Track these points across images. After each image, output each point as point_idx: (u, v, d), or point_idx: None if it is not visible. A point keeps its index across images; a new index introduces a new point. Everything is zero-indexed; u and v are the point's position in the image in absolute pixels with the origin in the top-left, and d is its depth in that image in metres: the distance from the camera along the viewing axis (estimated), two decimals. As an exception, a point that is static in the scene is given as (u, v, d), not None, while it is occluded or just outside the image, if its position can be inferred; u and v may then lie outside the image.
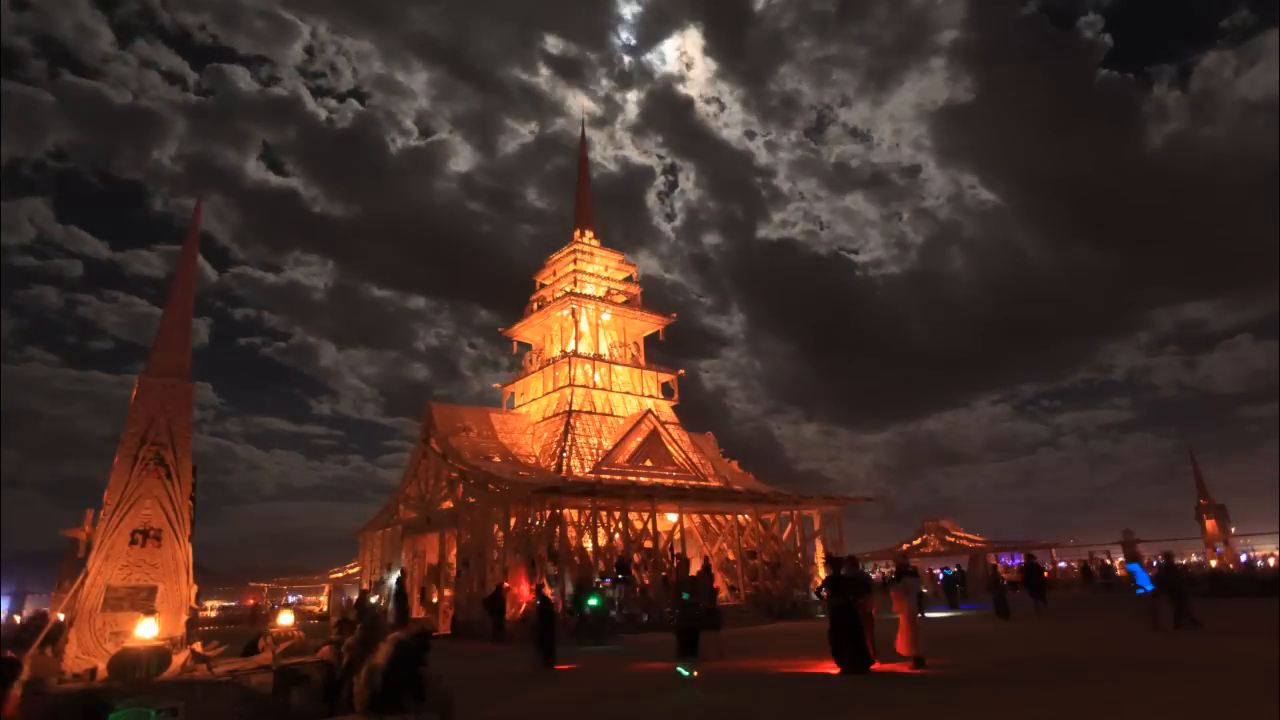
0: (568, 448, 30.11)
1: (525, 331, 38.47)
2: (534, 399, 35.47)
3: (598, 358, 35.01)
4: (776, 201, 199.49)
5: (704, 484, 30.76)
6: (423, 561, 30.45)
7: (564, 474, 28.10)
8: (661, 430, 31.60)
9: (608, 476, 27.81)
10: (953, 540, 53.83)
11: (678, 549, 27.46)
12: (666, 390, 36.85)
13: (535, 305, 38.27)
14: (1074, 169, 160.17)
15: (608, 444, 30.72)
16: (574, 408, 32.22)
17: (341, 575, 52.21)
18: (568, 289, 36.40)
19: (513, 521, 24.32)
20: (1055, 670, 10.45)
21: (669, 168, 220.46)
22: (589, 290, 36.79)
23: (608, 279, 38.39)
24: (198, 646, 9.25)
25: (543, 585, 16.03)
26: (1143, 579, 15.88)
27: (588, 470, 28.76)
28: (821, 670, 10.97)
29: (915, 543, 55.31)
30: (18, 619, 30.74)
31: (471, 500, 26.53)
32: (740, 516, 30.57)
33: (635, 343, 37.92)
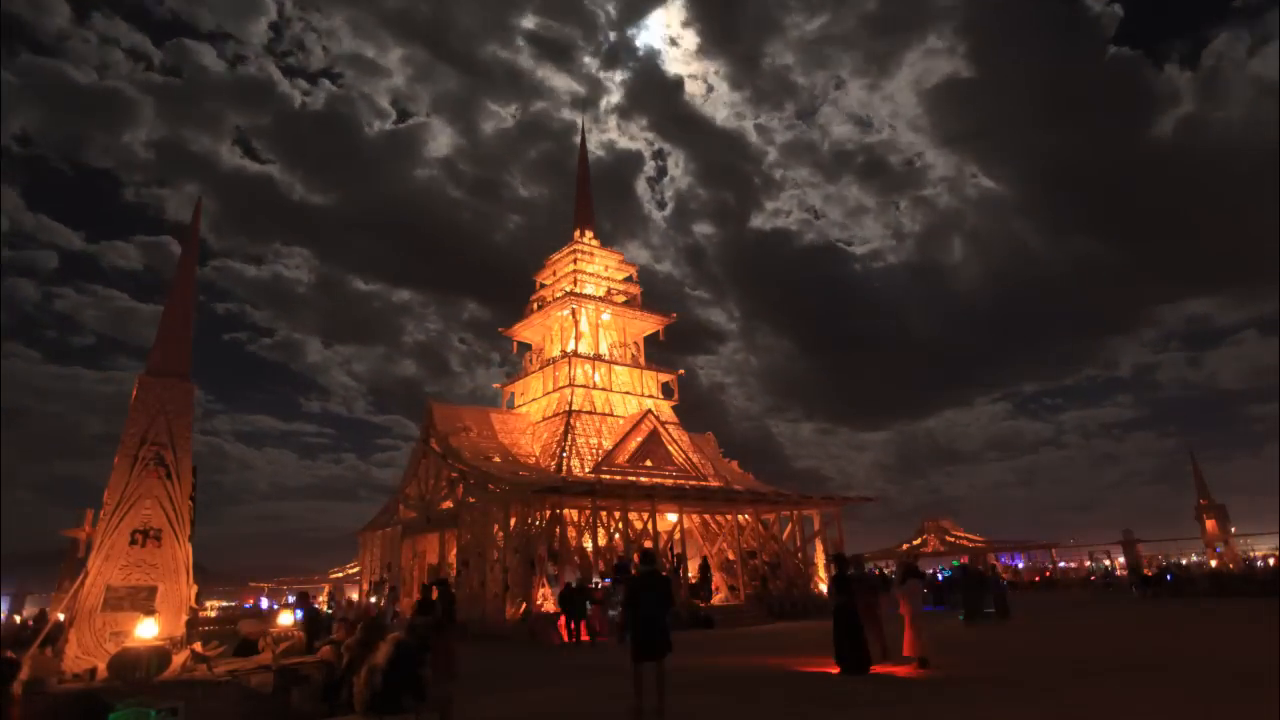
0: (568, 448, 30.11)
1: (525, 331, 38.48)
2: (534, 399, 35.48)
3: (598, 358, 35.01)
4: (769, 189, 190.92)
5: (704, 484, 30.77)
6: (423, 561, 30.47)
7: (564, 474, 28.10)
8: (661, 430, 31.60)
9: (608, 476, 27.81)
10: (953, 540, 53.85)
11: (678, 549, 27.50)
12: (666, 390, 36.86)
13: (535, 305, 38.28)
14: (1079, 156, 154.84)
15: (608, 444, 30.72)
16: (574, 408, 32.22)
17: (341, 575, 52.22)
18: (568, 289, 36.41)
19: (513, 521, 24.32)
20: (1054, 670, 10.45)
21: (658, 153, 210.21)
22: (589, 290, 36.80)
23: (607, 279, 38.40)
24: (198, 646, 9.25)
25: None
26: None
27: (588, 470, 28.76)
28: (821, 670, 10.97)
29: (915, 542, 55.34)
30: (18, 619, 30.73)
31: (471, 500, 26.53)
32: (740, 516, 30.56)
33: (635, 343, 37.92)
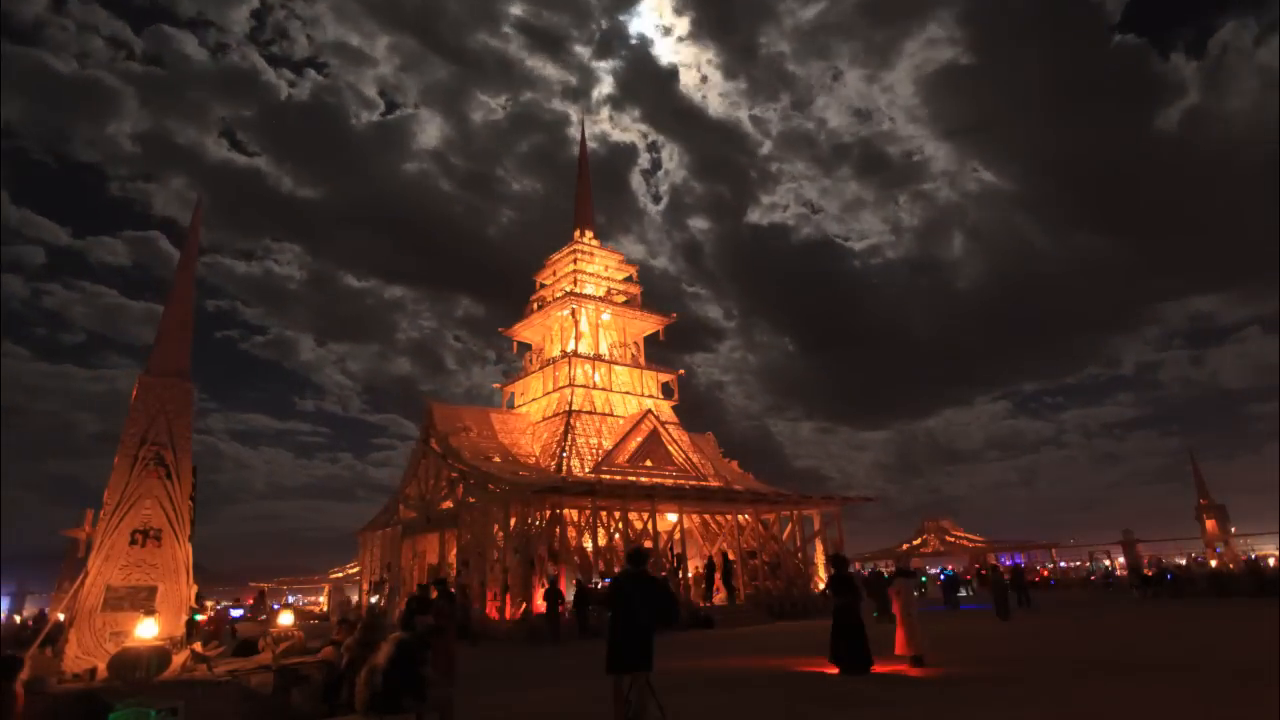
0: (568, 448, 30.11)
1: (525, 331, 38.49)
2: (534, 399, 35.48)
3: (598, 358, 35.02)
4: (766, 183, 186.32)
5: (704, 484, 30.77)
6: (423, 561, 30.48)
7: (564, 474, 28.10)
8: (661, 430, 31.60)
9: (608, 476, 27.81)
10: (952, 540, 53.87)
11: (677, 549, 27.50)
12: (666, 390, 36.86)
13: (535, 305, 38.29)
14: (1082, 149, 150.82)
15: (608, 444, 30.72)
16: (574, 408, 32.22)
17: (341, 575, 52.23)
18: (568, 289, 36.41)
19: (513, 521, 24.32)
20: (1052, 669, 10.45)
21: (652, 145, 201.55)
22: (589, 290, 36.80)
23: (607, 279, 38.41)
24: (198, 646, 9.25)
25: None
26: None
27: (588, 470, 28.76)
28: (821, 670, 10.97)
29: (915, 542, 55.37)
30: (17, 619, 30.73)
31: (471, 500, 26.53)
32: (740, 516, 30.57)
33: (635, 342, 37.93)
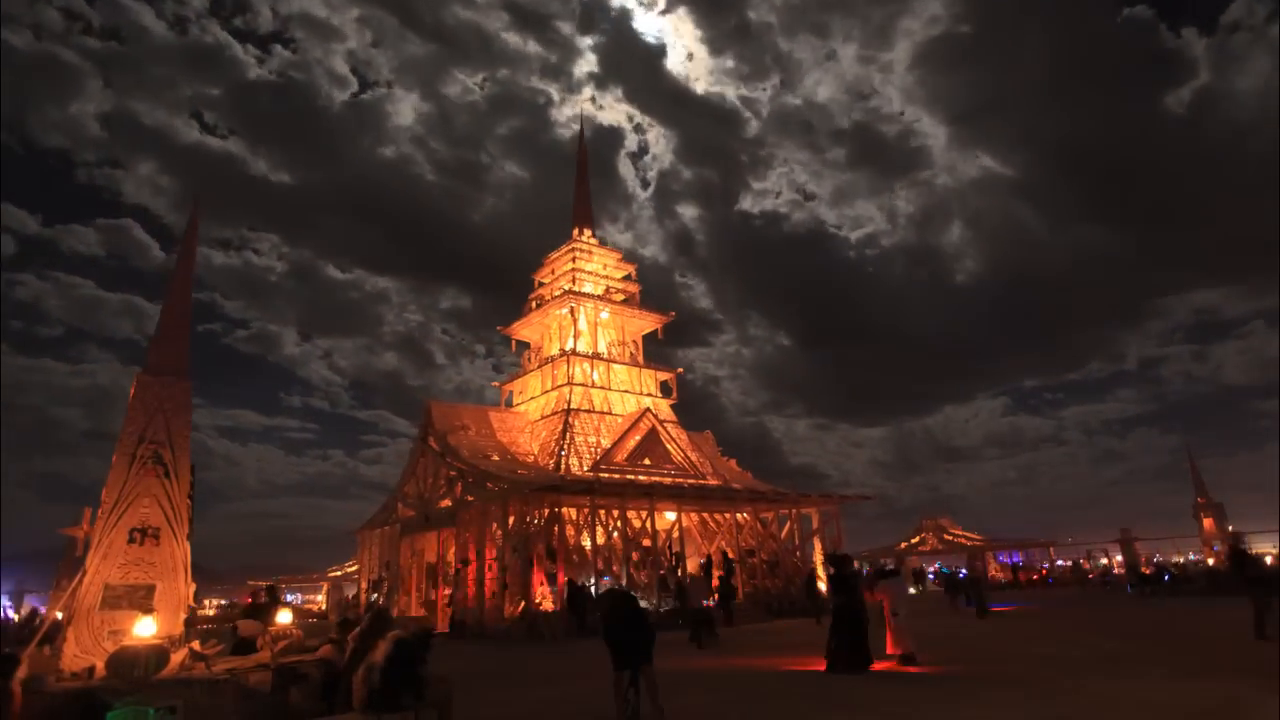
0: (566, 446, 30.11)
1: (524, 330, 38.47)
2: (532, 397, 35.47)
3: (596, 356, 35.01)
4: (757, 167, 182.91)
5: (702, 483, 30.78)
6: (421, 560, 30.48)
7: (562, 472, 28.10)
8: (660, 429, 31.60)
9: (606, 475, 27.81)
10: (951, 539, 53.88)
11: (676, 547, 27.52)
12: (665, 389, 36.87)
13: (534, 304, 38.27)
14: (1087, 133, 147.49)
15: (606, 442, 30.72)
16: (572, 406, 32.21)
17: (340, 574, 52.17)
18: (566, 287, 36.40)
19: (511, 520, 24.32)
20: (1046, 667, 10.46)
21: (638, 126, 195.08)
22: (588, 289, 36.80)
23: (606, 277, 38.40)
24: (196, 645, 9.24)
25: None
26: None
27: (586, 469, 28.76)
28: (819, 669, 10.98)
29: (913, 540, 55.37)
30: (16, 617, 30.70)
31: (470, 499, 26.52)
32: (739, 515, 30.59)
33: (634, 341, 37.94)
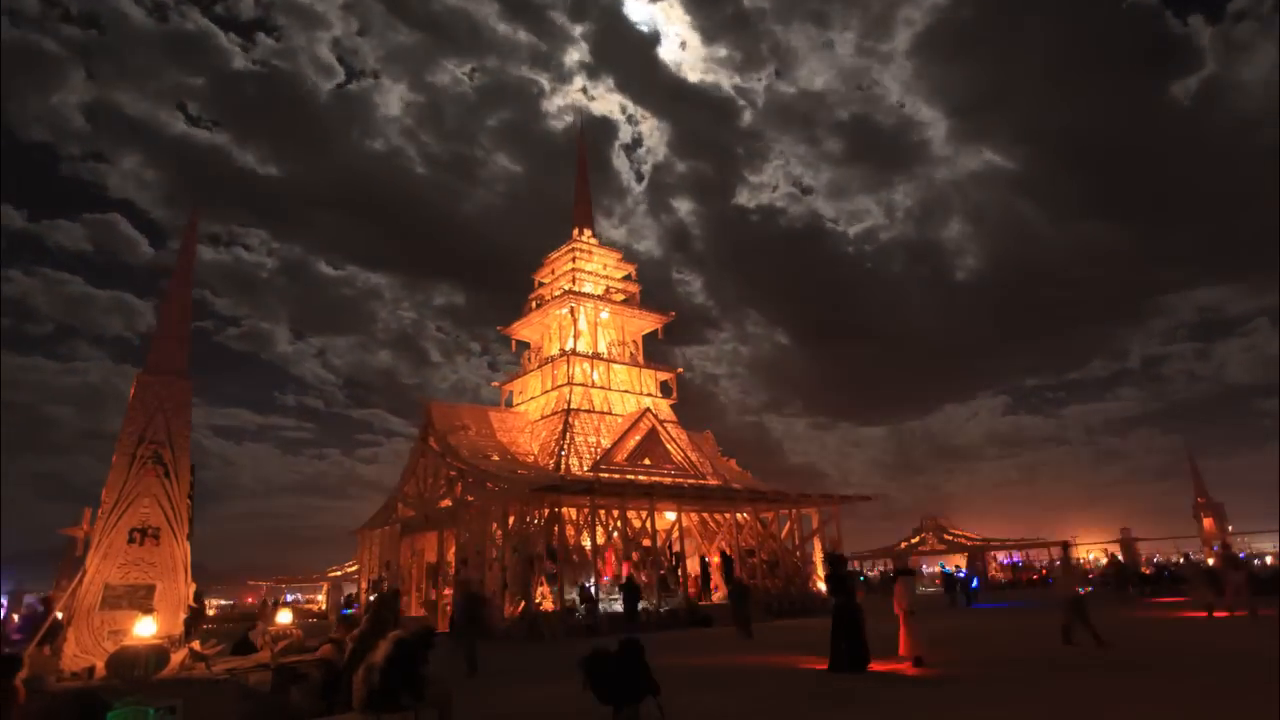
0: (566, 446, 30.10)
1: (524, 330, 38.47)
2: (532, 397, 35.47)
3: (596, 356, 35.01)
4: (753, 160, 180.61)
5: (702, 483, 30.77)
6: (421, 560, 30.48)
7: (562, 473, 28.10)
8: (660, 429, 31.60)
9: (606, 475, 27.80)
10: (951, 539, 53.86)
11: (676, 547, 27.53)
12: (665, 389, 36.86)
13: (534, 304, 38.27)
14: (1091, 126, 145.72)
15: (606, 442, 30.72)
16: (572, 406, 32.21)
17: (340, 573, 52.15)
18: (566, 287, 36.39)
19: (511, 520, 24.32)
20: (1047, 668, 10.46)
21: (631, 118, 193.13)
22: (588, 289, 36.79)
23: (606, 277, 38.39)
24: (196, 645, 9.25)
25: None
26: None
27: (586, 469, 28.76)
28: (818, 669, 10.98)
29: (914, 540, 55.35)
30: (15, 617, 30.65)
31: (470, 499, 26.52)
32: (739, 515, 30.59)
33: (634, 341, 37.94)
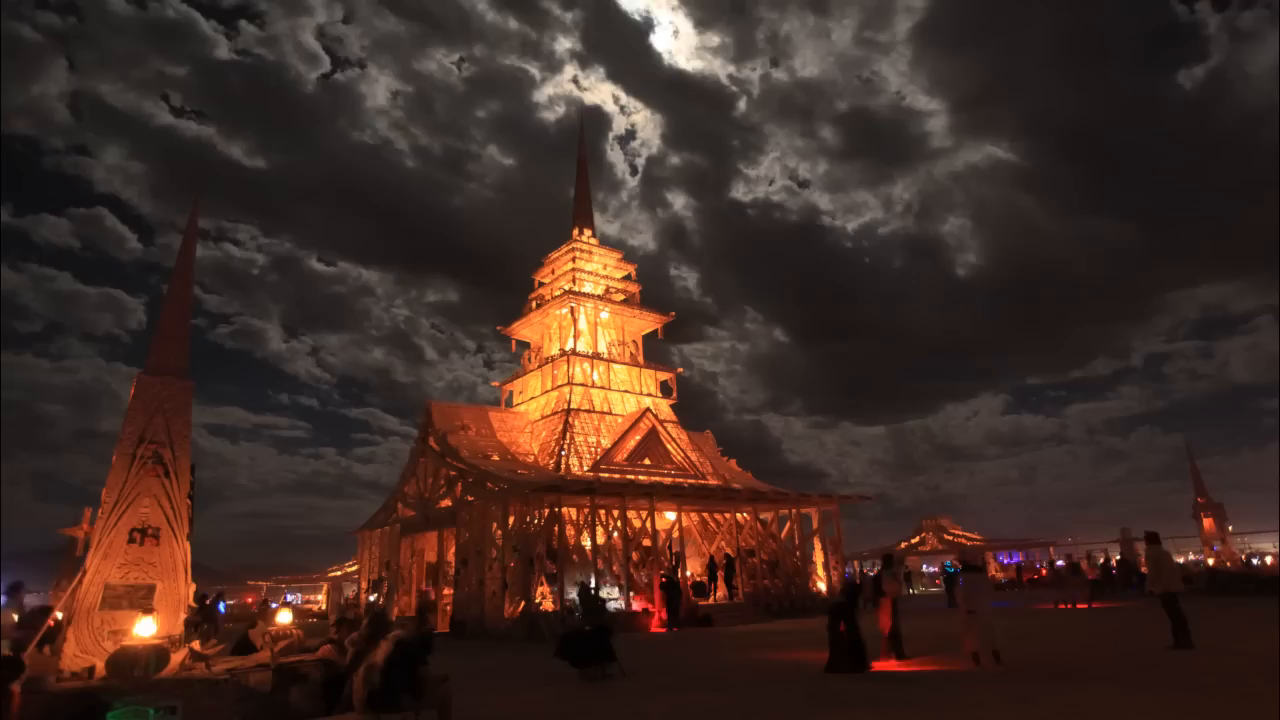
0: (566, 446, 30.11)
1: (524, 330, 38.48)
2: (532, 397, 35.48)
3: (596, 356, 35.02)
4: (748, 152, 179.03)
5: (703, 483, 30.79)
6: (421, 560, 30.49)
7: (562, 473, 28.10)
8: (660, 429, 31.61)
9: (606, 475, 27.82)
10: (951, 539, 53.88)
11: (676, 547, 27.54)
12: (665, 389, 36.87)
13: (534, 304, 38.27)
14: (1094, 117, 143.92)
15: (606, 442, 30.73)
16: (572, 406, 32.22)
17: (340, 573, 52.17)
18: (566, 287, 36.40)
19: (511, 520, 24.33)
20: (1047, 670, 10.47)
21: (624, 108, 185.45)
22: (588, 289, 36.80)
23: (606, 277, 38.40)
24: (196, 645, 9.24)
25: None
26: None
27: (586, 469, 28.77)
28: (818, 669, 10.98)
29: (913, 540, 55.37)
30: (15, 617, 30.68)
31: (470, 499, 26.53)
32: (739, 515, 30.60)
33: (634, 341, 37.94)
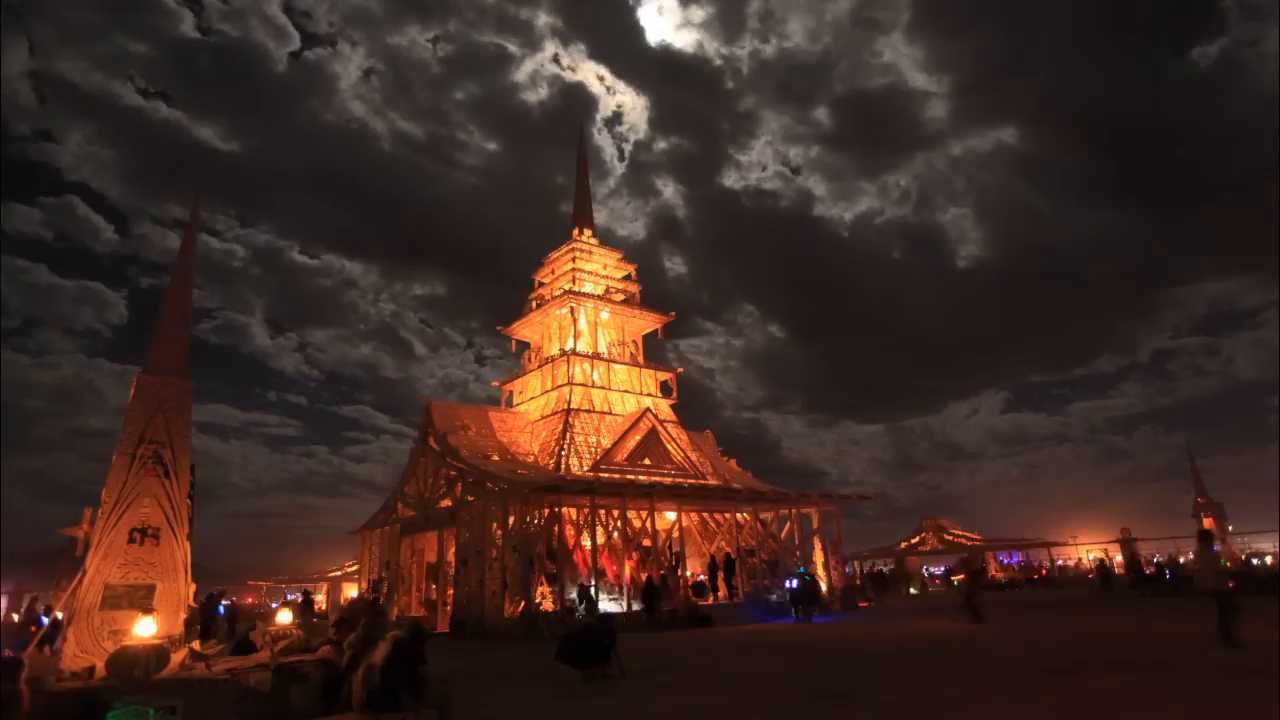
0: (566, 446, 30.12)
1: (524, 330, 38.49)
2: (532, 397, 35.49)
3: (596, 356, 35.02)
4: (739, 137, 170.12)
5: (703, 483, 30.79)
6: (421, 560, 30.50)
7: (562, 473, 28.11)
8: (660, 429, 31.62)
9: (606, 475, 27.82)
10: (950, 539, 53.87)
11: (676, 547, 27.56)
12: (665, 389, 36.88)
13: (534, 304, 38.28)
14: (1103, 100, 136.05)
15: (606, 442, 30.74)
16: (572, 406, 32.22)
17: (339, 574, 52.15)
18: (566, 287, 36.41)
19: (511, 520, 24.33)
20: (1046, 669, 10.47)
21: (610, 89, 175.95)
22: (588, 289, 36.81)
23: (606, 277, 38.41)
24: (196, 645, 9.25)
25: None
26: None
27: (586, 469, 28.78)
28: (818, 668, 10.99)
29: (913, 540, 55.34)
30: (15, 617, 30.67)
31: (470, 499, 26.53)
32: (739, 515, 30.60)
33: (634, 341, 37.95)
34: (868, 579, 41.23)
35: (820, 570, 30.35)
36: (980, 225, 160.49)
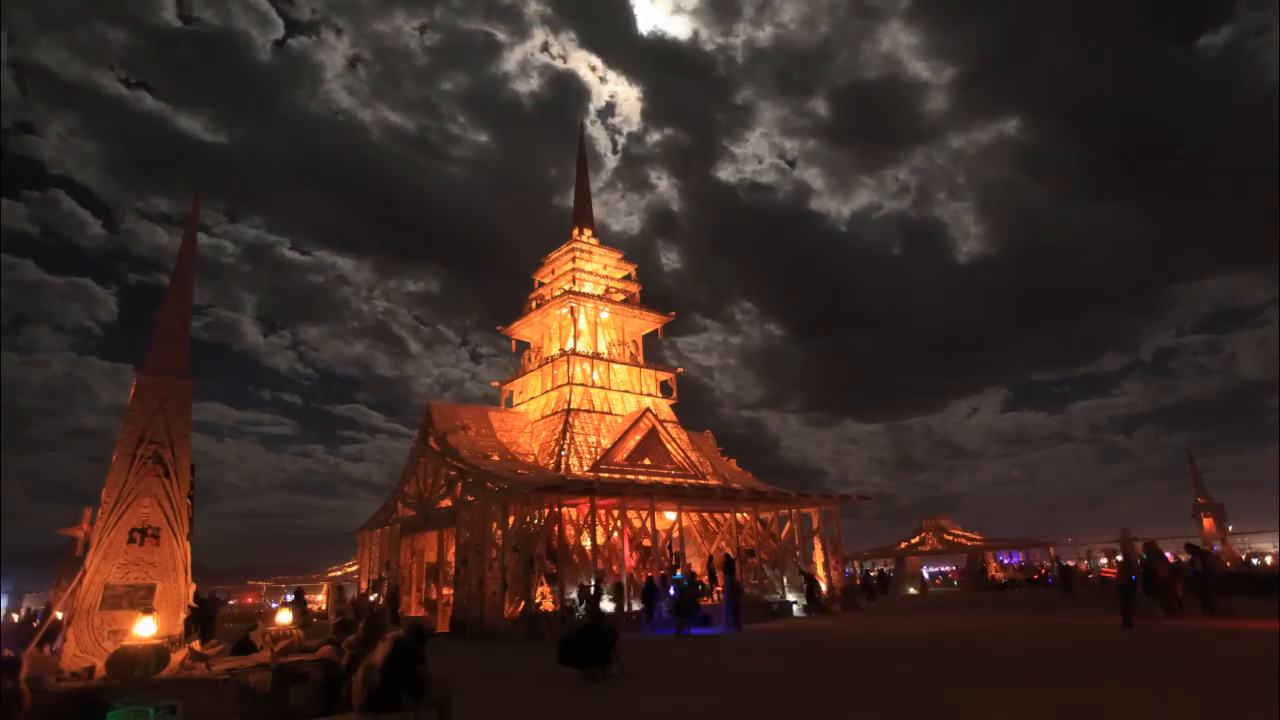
0: (566, 446, 30.11)
1: (524, 330, 38.48)
2: (532, 397, 35.48)
3: (596, 356, 35.01)
4: (734, 129, 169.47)
5: (703, 482, 30.78)
6: (421, 560, 30.49)
7: (562, 473, 28.10)
8: (660, 429, 31.60)
9: (606, 475, 27.81)
10: (950, 539, 53.84)
11: (676, 547, 27.56)
12: (665, 389, 36.87)
13: (534, 304, 38.27)
14: (1107, 92, 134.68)
15: (606, 442, 30.73)
16: (572, 406, 32.22)
17: (340, 574, 52.16)
18: (566, 287, 36.40)
19: (511, 520, 24.32)
20: (1047, 668, 10.47)
21: (602, 79, 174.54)
22: (588, 289, 36.80)
23: (606, 277, 38.41)
24: (196, 644, 9.25)
25: None
26: None
27: (586, 469, 28.77)
28: (818, 668, 10.98)
29: (913, 540, 55.32)
30: (16, 617, 30.68)
31: (470, 499, 26.52)
32: (739, 515, 30.59)
33: (634, 341, 37.95)
34: (850, 587, 35.17)
35: (820, 570, 30.34)
36: (981, 220, 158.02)
